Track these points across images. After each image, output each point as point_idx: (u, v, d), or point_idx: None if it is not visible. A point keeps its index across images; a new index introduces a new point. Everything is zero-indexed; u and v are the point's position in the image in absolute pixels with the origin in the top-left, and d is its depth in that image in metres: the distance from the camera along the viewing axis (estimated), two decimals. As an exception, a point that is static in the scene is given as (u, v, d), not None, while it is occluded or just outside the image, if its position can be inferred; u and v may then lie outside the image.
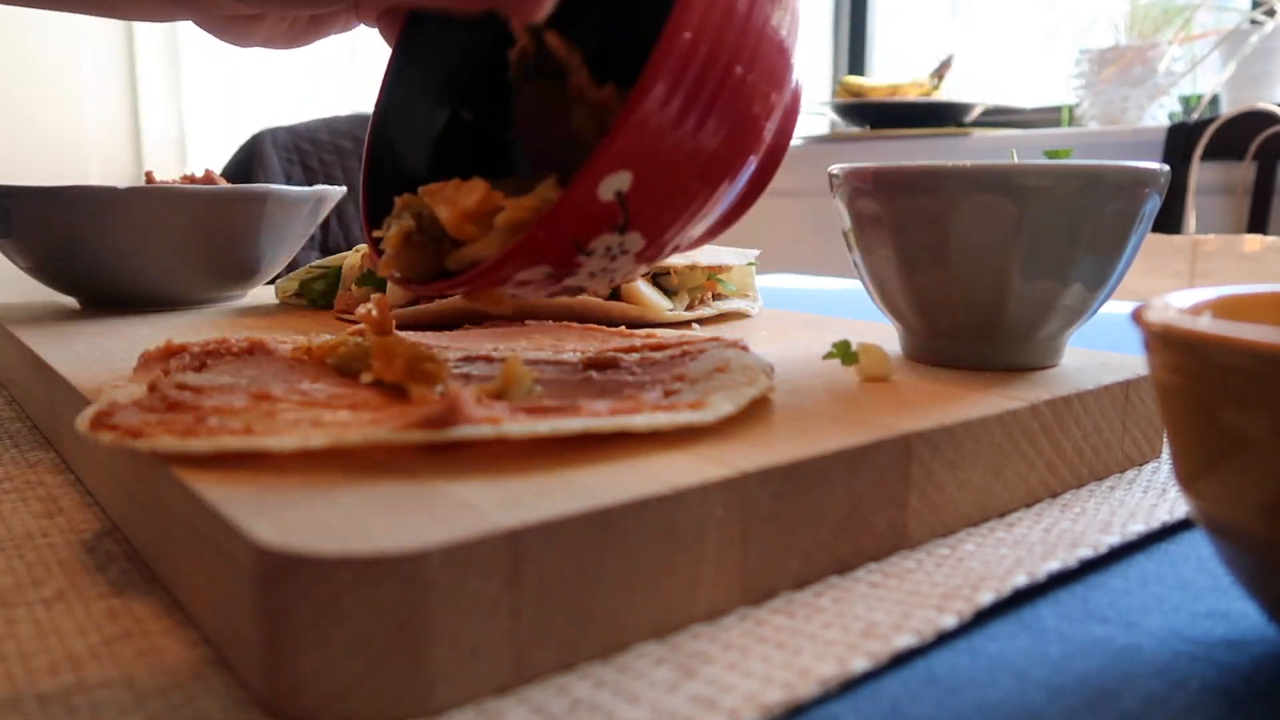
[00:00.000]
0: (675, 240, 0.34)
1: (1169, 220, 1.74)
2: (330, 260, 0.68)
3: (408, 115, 0.41)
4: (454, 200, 0.34)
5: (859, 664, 0.25)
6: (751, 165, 0.33)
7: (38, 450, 0.45)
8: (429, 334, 0.49)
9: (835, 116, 2.39)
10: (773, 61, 0.31)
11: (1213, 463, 0.23)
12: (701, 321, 0.61)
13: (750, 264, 0.65)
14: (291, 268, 1.56)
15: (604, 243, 0.32)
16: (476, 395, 0.32)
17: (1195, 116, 1.87)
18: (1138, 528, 0.34)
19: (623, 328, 0.50)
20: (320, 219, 0.72)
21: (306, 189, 0.67)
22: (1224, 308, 0.28)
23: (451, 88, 0.42)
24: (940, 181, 0.39)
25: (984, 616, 0.28)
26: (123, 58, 2.25)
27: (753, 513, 0.28)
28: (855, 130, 2.33)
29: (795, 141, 2.41)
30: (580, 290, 0.36)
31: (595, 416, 0.29)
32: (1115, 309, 0.87)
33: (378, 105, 0.40)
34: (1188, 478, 0.25)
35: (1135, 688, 0.24)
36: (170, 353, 0.39)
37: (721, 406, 0.31)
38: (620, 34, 0.38)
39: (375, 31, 0.41)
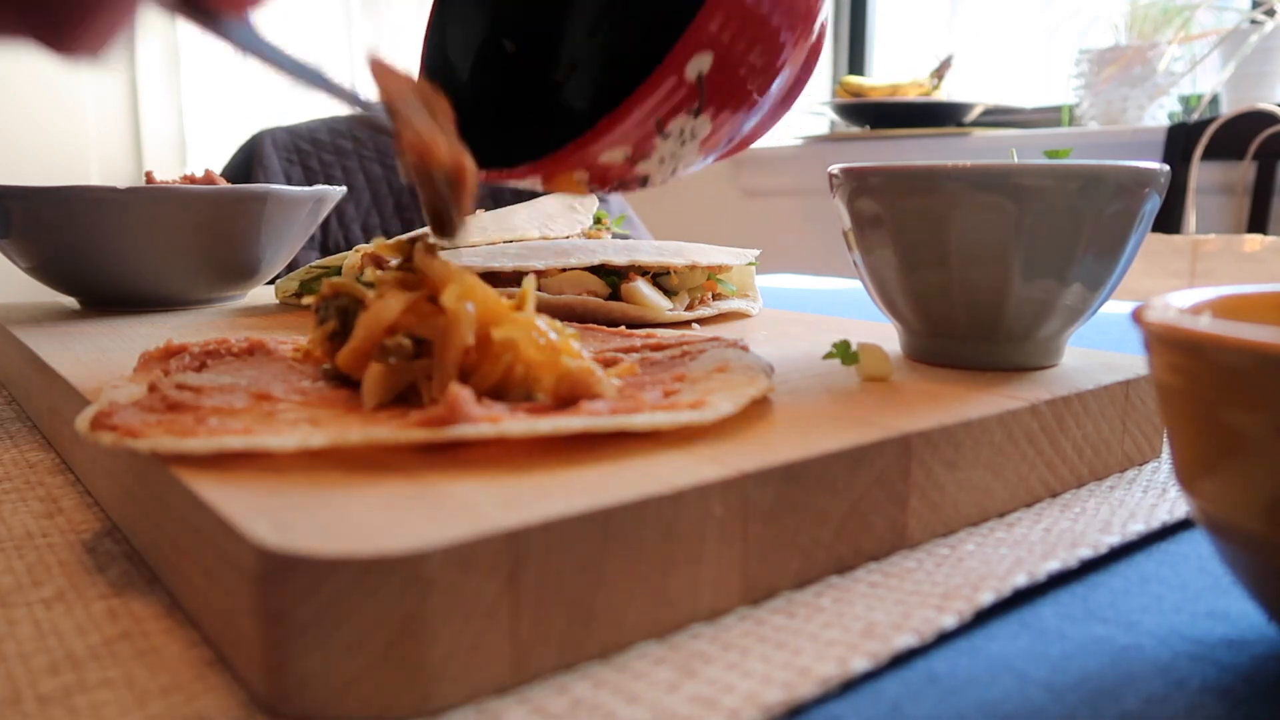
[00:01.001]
0: (730, 132, 0.37)
1: (1169, 220, 1.74)
2: (330, 260, 0.68)
3: (457, 33, 0.43)
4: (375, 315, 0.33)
5: (859, 664, 0.25)
6: (800, 56, 0.36)
7: (38, 450, 0.45)
8: None
9: (835, 116, 2.38)
10: None
11: (1213, 463, 0.23)
12: (701, 321, 0.61)
13: (750, 264, 0.65)
14: (291, 268, 1.56)
15: (679, 125, 0.35)
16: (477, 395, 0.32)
17: (1195, 116, 1.86)
18: (1138, 528, 0.34)
19: (623, 328, 0.50)
20: (320, 219, 0.72)
21: (306, 189, 0.67)
22: (1224, 308, 0.28)
23: (500, 12, 0.44)
24: (940, 181, 0.39)
25: (984, 616, 0.28)
26: (123, 58, 2.24)
27: (753, 513, 0.28)
28: (855, 130, 2.33)
29: (795, 141, 2.41)
30: (644, 181, 0.38)
31: (595, 416, 0.29)
32: (1115, 309, 0.87)
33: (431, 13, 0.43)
34: (1188, 478, 0.25)
35: (1135, 688, 0.24)
36: (170, 353, 0.39)
37: (721, 406, 0.31)
38: None
39: (374, 32, 0.41)
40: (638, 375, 0.36)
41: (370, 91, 0.34)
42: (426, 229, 0.34)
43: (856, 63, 2.61)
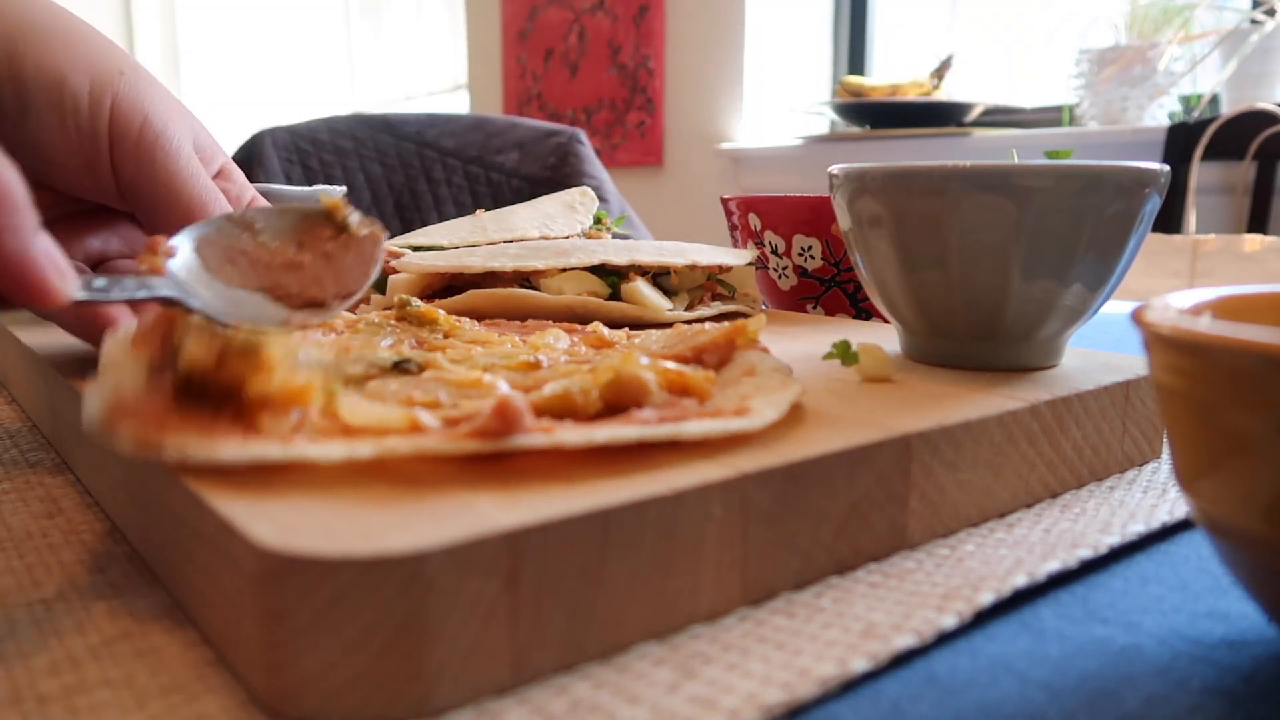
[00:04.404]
0: None
1: (1169, 220, 1.74)
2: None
3: None
4: None
5: (859, 664, 0.25)
6: None
7: (38, 450, 0.45)
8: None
9: (835, 116, 2.39)
10: None
11: (1213, 463, 0.23)
12: (701, 322, 0.61)
13: (750, 264, 0.65)
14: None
15: None
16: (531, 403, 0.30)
17: (1195, 116, 1.87)
18: (1138, 528, 0.34)
19: (626, 329, 0.50)
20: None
21: (306, 189, 0.67)
22: (1224, 308, 0.28)
23: None
24: (940, 181, 0.39)
25: (984, 616, 0.28)
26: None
27: (753, 513, 0.28)
28: (855, 130, 2.33)
29: (795, 141, 2.41)
30: None
31: (648, 425, 0.29)
32: (1115, 309, 0.87)
33: None
34: (1188, 478, 0.25)
35: (1135, 688, 0.24)
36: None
37: (766, 413, 0.31)
38: None
39: (373, 32, 0.41)
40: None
41: None
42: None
43: (856, 63, 2.61)
